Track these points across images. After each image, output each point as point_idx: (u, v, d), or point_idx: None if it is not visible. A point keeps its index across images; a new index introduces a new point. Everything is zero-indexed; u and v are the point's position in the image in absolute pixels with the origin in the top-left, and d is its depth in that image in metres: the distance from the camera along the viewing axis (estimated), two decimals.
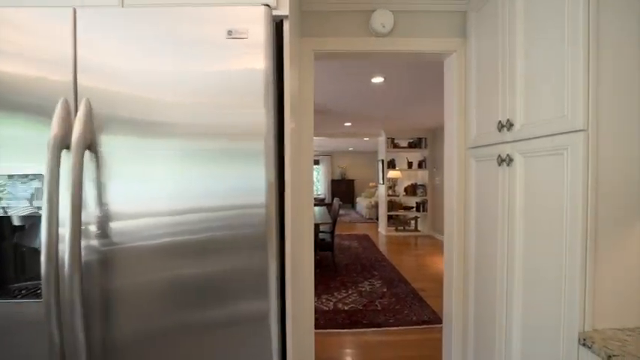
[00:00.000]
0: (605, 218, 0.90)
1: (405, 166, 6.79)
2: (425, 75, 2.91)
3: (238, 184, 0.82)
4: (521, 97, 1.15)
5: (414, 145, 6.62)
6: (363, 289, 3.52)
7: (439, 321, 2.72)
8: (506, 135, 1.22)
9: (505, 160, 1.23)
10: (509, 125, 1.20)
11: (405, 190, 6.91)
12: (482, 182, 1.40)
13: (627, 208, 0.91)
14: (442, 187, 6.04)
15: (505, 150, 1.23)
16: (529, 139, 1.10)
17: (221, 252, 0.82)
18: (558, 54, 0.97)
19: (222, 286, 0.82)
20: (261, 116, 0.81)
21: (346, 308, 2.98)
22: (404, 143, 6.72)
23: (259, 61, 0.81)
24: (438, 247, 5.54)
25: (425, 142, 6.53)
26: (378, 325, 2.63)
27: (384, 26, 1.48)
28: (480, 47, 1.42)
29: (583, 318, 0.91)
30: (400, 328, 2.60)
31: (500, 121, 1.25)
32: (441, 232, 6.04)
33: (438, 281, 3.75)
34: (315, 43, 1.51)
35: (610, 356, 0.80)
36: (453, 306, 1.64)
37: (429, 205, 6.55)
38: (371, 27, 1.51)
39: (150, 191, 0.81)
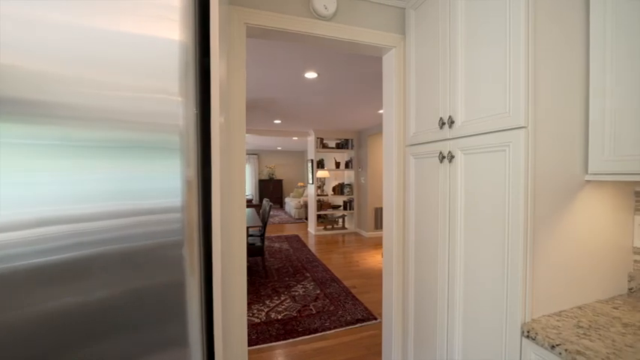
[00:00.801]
0: (542, 209, 0.95)
1: (333, 165, 6.95)
2: (358, 75, 2.93)
3: (146, 184, 0.57)
4: (462, 95, 1.16)
5: (342, 145, 6.82)
6: (297, 293, 3.37)
7: (372, 317, 2.76)
8: (448, 132, 1.23)
9: (446, 157, 1.24)
10: (451, 122, 1.20)
11: (333, 189, 7.07)
12: (423, 179, 1.40)
13: (559, 200, 0.98)
14: (367, 186, 6.32)
15: (447, 147, 1.24)
16: (471, 135, 1.12)
17: (123, 269, 0.56)
18: (500, 53, 0.99)
19: (122, 315, 0.56)
20: (175, 103, 0.59)
21: (280, 317, 2.78)
22: (332, 144, 6.87)
23: (174, 31, 0.58)
24: (364, 243, 5.81)
25: (351, 143, 6.80)
26: (315, 331, 2.51)
27: (326, 8, 1.35)
28: (419, 45, 1.42)
29: (524, 308, 0.94)
30: (336, 330, 2.54)
31: (441, 119, 1.26)
32: (367, 229, 6.38)
33: (367, 277, 3.88)
34: (247, 14, 1.27)
35: (553, 346, 0.82)
36: (394, 301, 1.62)
37: (355, 204, 6.84)
38: (312, 7, 1.35)
39: (27, 194, 0.49)
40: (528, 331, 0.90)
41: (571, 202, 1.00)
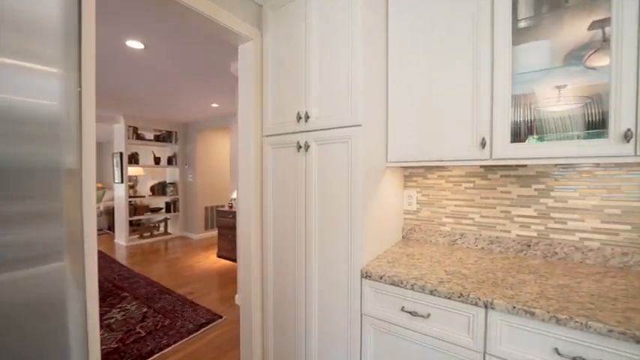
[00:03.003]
0: (369, 187, 1.32)
1: (152, 161, 5.89)
2: (197, 61, 2.69)
3: None
4: (316, 93, 1.39)
5: (163, 138, 5.91)
6: (113, 319, 2.64)
7: (217, 317, 2.64)
8: (304, 125, 1.43)
9: (303, 147, 1.44)
10: (307, 117, 1.41)
11: (152, 189, 6.00)
12: (282, 166, 1.54)
13: (376, 180, 1.39)
14: (196, 185, 5.87)
15: (303, 138, 1.43)
16: (323, 129, 1.36)
17: None
18: (343, 60, 1.29)
19: None
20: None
21: None
22: (150, 135, 5.80)
23: None
24: (194, 246, 5.34)
25: (175, 137, 6.03)
26: (150, 354, 2.09)
27: None
28: (277, 43, 1.55)
29: (362, 258, 1.27)
30: (178, 344, 2.24)
31: (298, 113, 1.44)
32: (196, 231, 5.90)
33: (205, 279, 3.63)
34: None
35: (381, 276, 1.18)
36: (252, 288, 1.66)
37: (180, 205, 6.13)
38: None
39: None
40: (366, 272, 1.23)
41: (380, 182, 1.46)
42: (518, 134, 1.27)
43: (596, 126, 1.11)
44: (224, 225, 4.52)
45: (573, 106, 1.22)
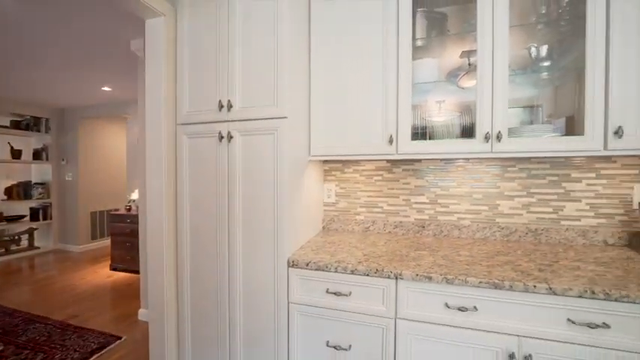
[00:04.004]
0: (294, 179, 1.36)
1: (9, 155, 4.53)
2: (81, 26, 2.21)
3: None
4: (240, 82, 1.35)
5: (27, 126, 4.62)
6: None
7: (115, 338, 2.24)
8: (227, 115, 1.36)
9: (225, 137, 1.37)
10: (229, 106, 1.35)
11: (8, 192, 4.61)
12: (200, 157, 1.43)
13: (300, 172, 1.44)
14: (78, 185, 4.84)
15: (226, 128, 1.37)
16: (248, 120, 1.33)
17: None
18: (269, 51, 1.29)
19: None
20: None
21: None
22: (4, 121, 4.45)
23: None
24: (77, 260, 4.37)
25: (47, 125, 4.80)
26: None
27: None
28: (194, 24, 1.43)
29: (288, 248, 1.30)
30: None
31: (220, 101, 1.37)
32: (78, 242, 4.82)
33: (95, 298, 3.02)
34: None
35: (307, 263, 1.24)
36: (165, 292, 1.49)
37: (54, 211, 4.91)
38: None
39: None
40: (293, 261, 1.27)
41: (304, 175, 1.52)
42: (417, 134, 1.53)
43: (468, 130, 1.44)
44: (120, 232, 3.85)
45: (453, 115, 1.54)
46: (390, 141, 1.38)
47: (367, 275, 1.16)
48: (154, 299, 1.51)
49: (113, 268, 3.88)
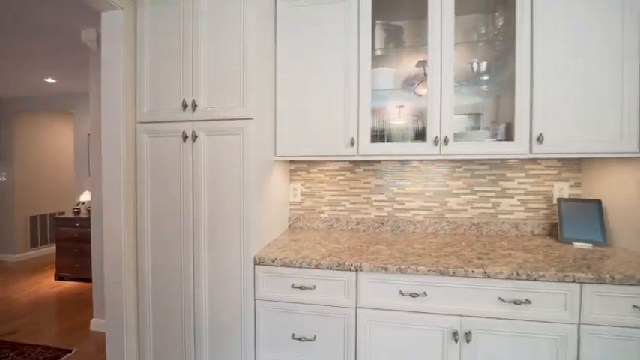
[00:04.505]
0: (260, 178, 1.40)
1: None
2: (24, 12, 2.01)
3: None
4: (205, 82, 1.35)
5: None
6: None
7: (64, 351, 2.08)
8: (191, 114, 1.36)
9: (189, 137, 1.36)
10: (194, 106, 1.35)
11: None
12: (163, 157, 1.40)
13: (266, 172, 1.48)
14: (14, 187, 4.35)
15: (190, 128, 1.36)
16: (213, 120, 1.34)
17: None
18: (234, 50, 1.31)
19: None
20: None
21: None
22: None
23: None
24: (11, 272, 3.92)
25: None
26: None
27: None
28: (156, 20, 1.39)
29: (255, 246, 1.33)
30: None
31: (184, 101, 1.36)
32: (12, 251, 4.33)
33: (37, 310, 2.75)
34: None
35: (273, 260, 1.28)
36: (124, 296, 1.43)
37: None
38: None
39: None
40: (259, 259, 1.30)
41: (271, 175, 1.56)
42: (376, 137, 1.65)
43: (420, 135, 1.58)
44: (67, 237, 3.53)
45: (408, 120, 1.69)
46: (352, 143, 1.48)
47: (330, 269, 1.24)
48: (112, 307, 1.44)
49: (59, 278, 3.54)
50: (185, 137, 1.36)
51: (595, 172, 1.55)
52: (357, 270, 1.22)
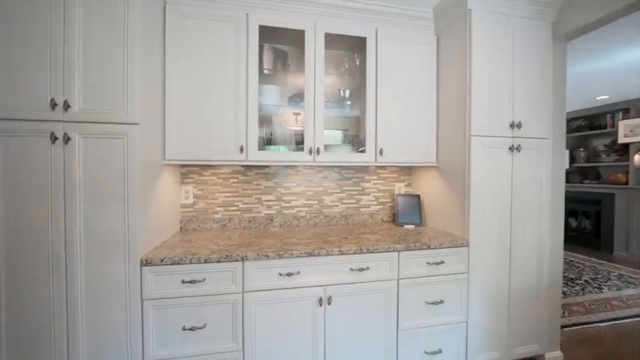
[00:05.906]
0: (148, 182, 1.44)
1: None
2: None
3: None
4: (81, 82, 1.29)
5: None
6: None
7: None
8: (63, 115, 1.28)
9: (60, 138, 1.28)
10: (67, 106, 1.28)
11: None
12: (23, 159, 1.25)
13: (155, 176, 1.52)
14: None
15: (62, 129, 1.28)
16: (92, 122, 1.30)
17: None
18: (117, 52, 1.31)
19: None
20: None
21: None
22: None
23: None
24: None
25: None
26: None
27: None
28: (22, 7, 1.23)
29: (142, 248, 1.37)
30: None
31: (53, 100, 1.26)
32: None
33: None
34: None
35: (162, 259, 1.35)
36: None
37: None
38: None
39: None
40: (146, 260, 1.35)
41: (159, 178, 1.59)
42: (263, 144, 1.89)
43: (301, 144, 1.91)
44: None
45: (291, 132, 2.00)
46: (241, 149, 1.67)
47: (219, 262, 1.40)
48: None
49: None
50: (55, 139, 1.27)
51: (418, 175, 2.22)
52: (243, 260, 1.42)
